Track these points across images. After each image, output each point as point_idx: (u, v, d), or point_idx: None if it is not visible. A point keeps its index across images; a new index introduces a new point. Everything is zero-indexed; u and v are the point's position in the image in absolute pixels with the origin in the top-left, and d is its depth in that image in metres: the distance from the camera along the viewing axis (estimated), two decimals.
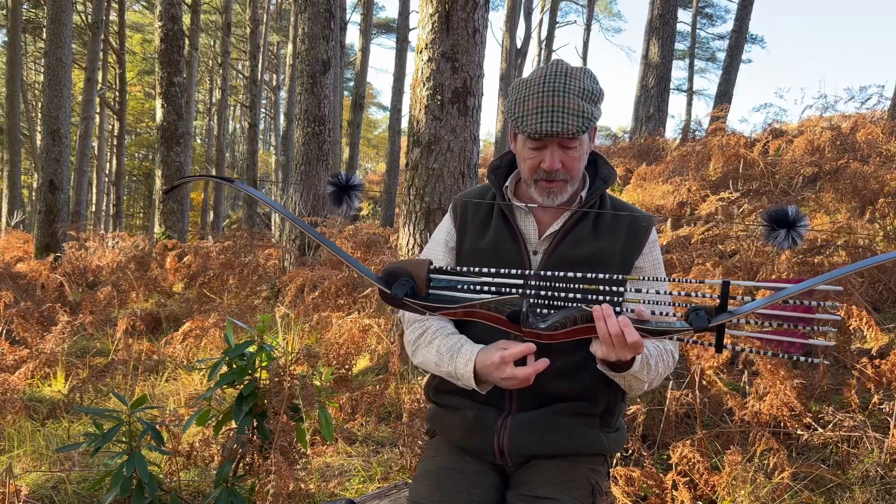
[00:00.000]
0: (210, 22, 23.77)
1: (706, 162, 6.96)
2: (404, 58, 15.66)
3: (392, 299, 1.24)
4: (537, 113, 1.26)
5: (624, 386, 1.35)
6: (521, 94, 1.30)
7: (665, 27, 11.64)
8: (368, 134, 37.34)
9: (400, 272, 1.24)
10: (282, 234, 7.36)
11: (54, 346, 3.93)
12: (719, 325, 1.07)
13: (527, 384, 1.24)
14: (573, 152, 1.32)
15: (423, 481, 1.41)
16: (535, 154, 1.33)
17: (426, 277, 1.23)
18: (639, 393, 1.37)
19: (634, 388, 1.35)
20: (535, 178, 1.36)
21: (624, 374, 1.28)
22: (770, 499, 2.17)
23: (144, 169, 28.52)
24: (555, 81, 1.27)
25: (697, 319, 1.08)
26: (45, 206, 9.01)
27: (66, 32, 9.17)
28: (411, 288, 1.23)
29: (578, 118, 1.26)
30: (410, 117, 4.13)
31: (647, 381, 1.33)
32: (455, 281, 1.23)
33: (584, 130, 1.27)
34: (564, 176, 1.34)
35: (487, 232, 1.46)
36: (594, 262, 1.37)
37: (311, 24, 6.78)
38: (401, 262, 1.26)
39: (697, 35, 25.33)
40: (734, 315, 1.06)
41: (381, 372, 3.61)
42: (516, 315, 1.17)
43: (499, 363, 1.23)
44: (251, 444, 2.06)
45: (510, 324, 1.18)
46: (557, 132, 1.26)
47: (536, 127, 1.26)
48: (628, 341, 1.12)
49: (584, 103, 1.27)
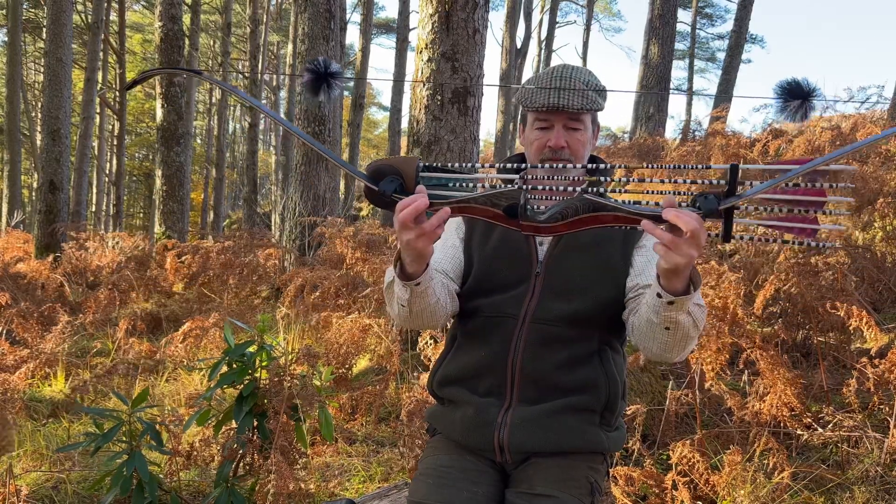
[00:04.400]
0: (210, 22, 23.77)
1: (706, 162, 6.96)
2: (404, 58, 15.68)
3: (379, 197, 1.16)
4: (545, 91, 1.38)
5: (683, 325, 1.20)
6: (531, 83, 1.43)
7: (665, 27, 11.64)
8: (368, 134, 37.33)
9: (387, 169, 1.16)
10: (282, 234, 7.36)
11: (54, 346, 3.93)
12: (727, 209, 1.01)
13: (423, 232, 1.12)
14: (578, 134, 1.41)
15: (423, 480, 1.42)
16: (542, 134, 1.42)
17: (415, 175, 1.15)
18: (693, 336, 1.23)
19: (697, 320, 1.21)
20: (541, 159, 1.42)
21: (686, 300, 1.14)
22: (770, 499, 2.17)
23: (144, 169, 28.51)
24: (562, 71, 1.41)
25: (706, 203, 1.01)
26: (45, 206, 9.00)
27: (66, 32, 9.16)
28: (400, 185, 1.15)
29: (582, 97, 1.37)
30: (410, 117, 4.13)
31: (700, 322, 1.23)
32: (446, 178, 1.16)
33: (587, 109, 1.38)
34: (569, 156, 1.40)
35: (495, 228, 1.48)
36: (599, 245, 1.42)
37: (311, 24, 6.78)
38: (388, 158, 1.18)
39: (697, 35, 25.33)
40: (743, 197, 1.00)
41: (381, 372, 3.61)
42: (513, 209, 1.11)
43: (399, 229, 1.13)
44: (251, 444, 2.06)
45: (507, 218, 1.12)
46: (564, 105, 1.36)
47: (544, 100, 1.37)
48: (697, 233, 1.00)
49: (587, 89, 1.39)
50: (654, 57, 11.61)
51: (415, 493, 1.39)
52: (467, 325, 1.49)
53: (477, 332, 1.46)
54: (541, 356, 1.39)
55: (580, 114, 1.39)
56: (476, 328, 1.46)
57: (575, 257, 1.41)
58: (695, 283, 1.15)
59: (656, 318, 1.20)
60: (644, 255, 1.41)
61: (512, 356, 1.39)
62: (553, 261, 1.42)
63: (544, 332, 1.38)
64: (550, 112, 1.39)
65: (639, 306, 1.32)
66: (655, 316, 1.20)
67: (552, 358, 1.38)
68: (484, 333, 1.44)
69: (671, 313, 1.17)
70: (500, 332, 1.41)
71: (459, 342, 1.50)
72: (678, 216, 1.01)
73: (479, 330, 1.45)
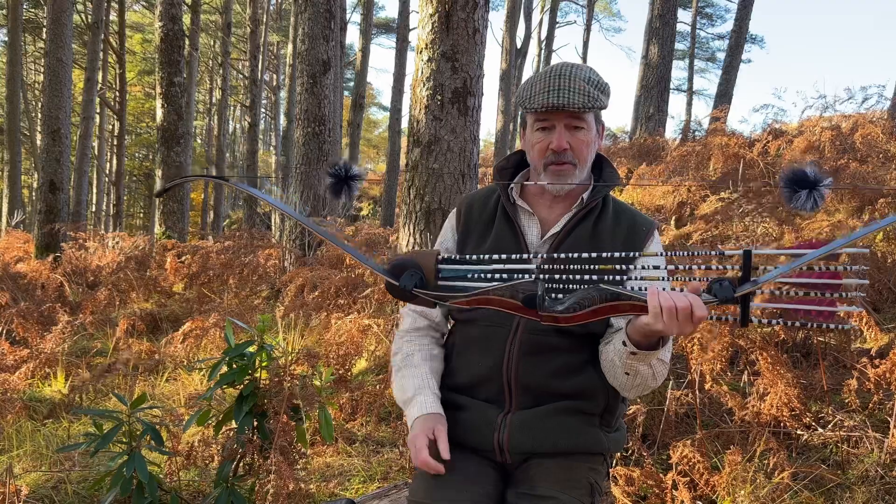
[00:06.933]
0: (210, 22, 23.75)
1: (706, 162, 6.97)
2: (404, 58, 15.66)
3: (401, 291, 1.20)
4: (544, 91, 1.33)
5: (641, 374, 1.29)
6: (530, 82, 1.38)
7: (665, 27, 11.64)
8: (368, 134, 37.33)
9: (408, 263, 1.20)
10: (282, 234, 7.36)
11: (54, 346, 3.93)
12: (744, 296, 1.02)
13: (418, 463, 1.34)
14: (580, 134, 1.36)
15: (423, 480, 1.41)
16: (544, 136, 1.37)
17: (435, 268, 1.19)
18: (651, 386, 1.33)
19: (657, 373, 1.31)
20: (544, 163, 1.39)
21: (649, 355, 1.23)
22: (770, 499, 2.17)
23: (144, 169, 28.49)
24: (561, 69, 1.36)
25: (722, 290, 1.02)
26: (45, 206, 9.00)
27: (67, 32, 9.16)
28: (420, 279, 1.19)
29: (583, 95, 1.32)
30: (410, 117, 4.13)
31: (660, 376, 1.31)
32: (464, 270, 1.19)
33: (589, 107, 1.32)
34: (573, 159, 1.37)
35: (490, 234, 1.48)
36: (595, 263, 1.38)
37: (312, 24, 6.78)
38: (408, 253, 1.24)
39: (697, 35, 25.32)
40: (759, 284, 1.01)
41: (380, 372, 3.61)
42: (531, 299, 1.13)
43: (415, 441, 1.35)
44: (251, 444, 2.06)
45: (526, 309, 1.15)
46: (563, 104, 1.31)
47: (543, 100, 1.32)
48: (696, 315, 1.06)
49: (589, 87, 1.33)
50: (654, 57, 11.61)
51: (415, 494, 1.39)
52: (463, 333, 1.49)
53: (473, 341, 1.46)
54: (535, 365, 1.39)
55: (582, 113, 1.35)
56: (472, 338, 1.46)
57: None
58: (664, 339, 1.19)
59: (619, 362, 1.28)
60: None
61: (507, 365, 1.39)
62: None
63: (536, 342, 1.38)
64: (551, 112, 1.35)
65: (611, 339, 1.34)
66: (618, 359, 1.28)
67: (546, 366, 1.38)
68: (480, 342, 1.44)
69: (632, 362, 1.25)
70: (494, 342, 1.41)
71: (458, 350, 1.51)
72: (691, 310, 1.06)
73: (474, 339, 1.45)
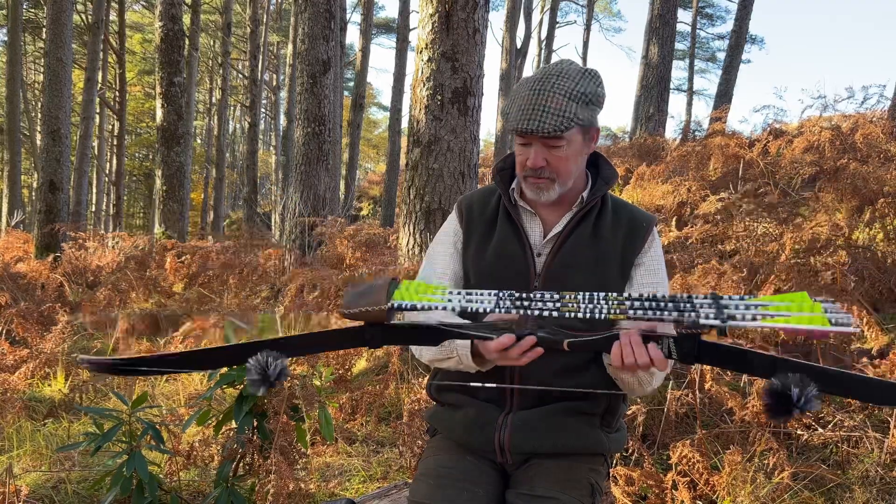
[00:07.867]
0: (210, 22, 23.75)
1: (706, 162, 6.96)
2: (404, 58, 15.66)
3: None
4: (520, 111, 1.30)
5: (627, 383, 1.35)
6: (515, 93, 1.34)
7: (665, 27, 11.63)
8: (368, 134, 37.32)
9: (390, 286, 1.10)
10: (282, 234, 7.36)
11: (54, 346, 3.92)
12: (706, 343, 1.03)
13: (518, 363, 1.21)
14: (558, 151, 1.33)
15: (423, 480, 1.41)
16: (523, 151, 1.37)
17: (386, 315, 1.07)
18: (640, 394, 1.39)
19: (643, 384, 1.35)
20: (524, 175, 1.39)
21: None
22: (770, 499, 2.17)
23: (144, 169, 28.50)
24: (544, 82, 1.30)
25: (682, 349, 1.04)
26: (45, 206, 9.00)
27: (66, 32, 9.16)
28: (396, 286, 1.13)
29: (557, 117, 1.27)
30: (410, 117, 4.13)
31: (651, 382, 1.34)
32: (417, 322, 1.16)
33: (561, 130, 1.28)
34: (550, 174, 1.36)
35: (493, 233, 1.47)
36: (597, 262, 1.39)
37: (312, 24, 6.78)
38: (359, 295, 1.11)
39: (697, 35, 25.32)
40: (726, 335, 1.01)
41: (381, 372, 3.61)
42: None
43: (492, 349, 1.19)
44: (251, 444, 2.06)
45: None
46: (533, 130, 1.28)
47: (515, 124, 1.30)
48: (657, 370, 1.14)
49: (569, 103, 1.28)
50: (654, 57, 11.60)
51: (415, 494, 1.39)
52: None
53: None
54: (538, 364, 1.38)
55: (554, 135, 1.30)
56: None
57: (573, 274, 1.39)
58: None
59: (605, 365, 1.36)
60: (642, 272, 1.41)
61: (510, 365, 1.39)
62: (551, 277, 1.40)
63: None
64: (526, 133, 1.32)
65: None
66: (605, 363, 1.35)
67: (549, 366, 1.37)
68: None
69: (613, 370, 1.33)
70: None
71: None
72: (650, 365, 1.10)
73: None
